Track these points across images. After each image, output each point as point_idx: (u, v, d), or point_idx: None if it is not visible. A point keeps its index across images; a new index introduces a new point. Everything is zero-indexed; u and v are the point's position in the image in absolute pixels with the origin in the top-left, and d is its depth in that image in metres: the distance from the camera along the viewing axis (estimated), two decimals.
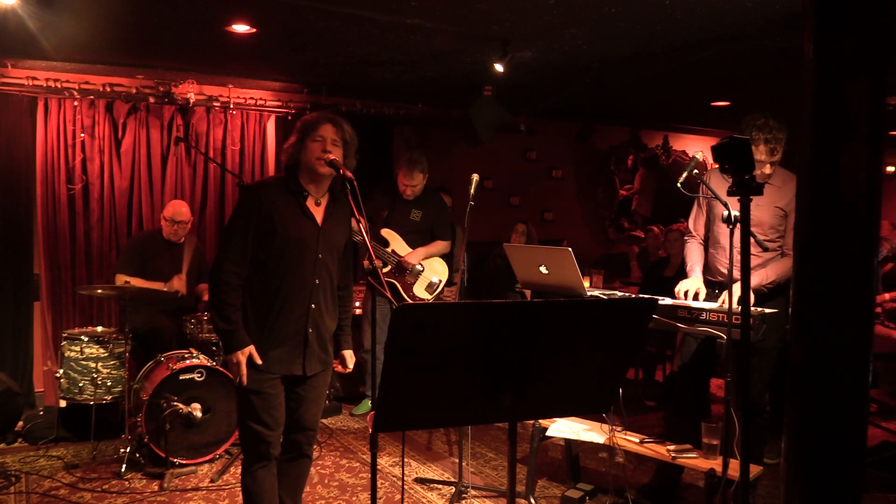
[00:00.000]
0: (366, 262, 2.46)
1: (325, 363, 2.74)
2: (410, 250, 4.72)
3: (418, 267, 4.74)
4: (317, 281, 2.65)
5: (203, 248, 5.11)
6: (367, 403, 5.08)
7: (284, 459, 2.77)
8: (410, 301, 2.75)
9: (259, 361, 2.55)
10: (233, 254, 2.57)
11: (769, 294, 3.20)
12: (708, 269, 3.51)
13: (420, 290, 4.77)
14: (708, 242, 3.52)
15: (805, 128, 1.74)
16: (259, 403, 2.59)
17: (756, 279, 3.18)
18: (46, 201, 4.93)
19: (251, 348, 2.55)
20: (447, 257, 5.34)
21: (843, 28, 1.67)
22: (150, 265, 4.57)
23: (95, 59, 4.87)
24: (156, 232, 4.78)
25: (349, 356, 2.87)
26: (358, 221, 2.52)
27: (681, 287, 3.31)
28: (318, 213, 2.69)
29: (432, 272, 4.81)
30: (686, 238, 3.61)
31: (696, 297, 3.27)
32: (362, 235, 2.47)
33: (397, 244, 4.70)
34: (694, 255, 3.51)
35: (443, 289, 4.87)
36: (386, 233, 4.73)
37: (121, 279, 4.46)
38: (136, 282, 4.39)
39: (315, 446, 4.17)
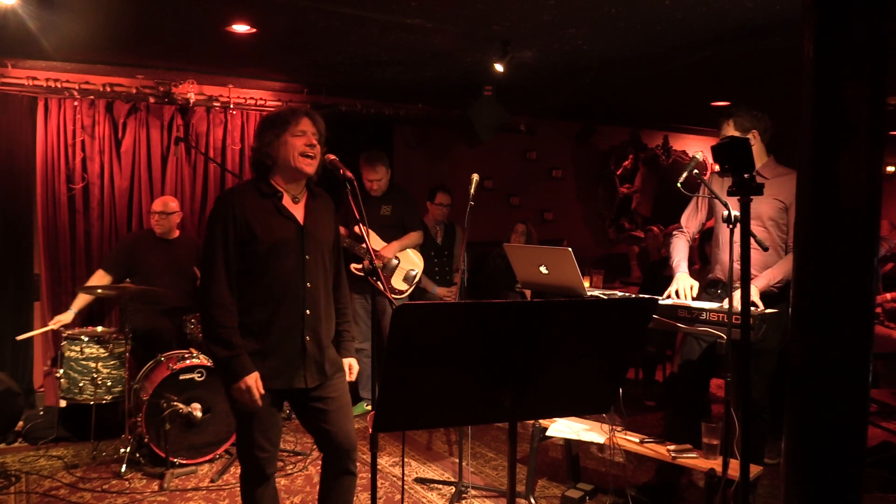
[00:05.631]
0: (366, 262, 2.45)
1: (331, 370, 2.54)
2: (385, 244, 4.78)
3: (394, 261, 4.80)
4: (308, 284, 2.45)
5: (203, 247, 5.11)
6: (362, 405, 5.10)
7: (327, 478, 2.60)
8: (391, 294, 2.63)
9: (262, 391, 2.37)
10: (220, 272, 2.37)
11: (779, 294, 3.18)
12: (709, 267, 3.51)
13: (398, 282, 4.85)
14: (710, 241, 3.53)
15: (805, 128, 1.74)
16: (254, 424, 2.42)
17: (763, 281, 3.17)
18: (46, 201, 4.93)
19: (257, 374, 2.36)
20: (438, 252, 5.36)
21: (843, 28, 1.68)
22: (141, 262, 4.58)
23: (95, 59, 4.87)
24: (147, 231, 4.81)
25: (351, 364, 2.68)
26: (358, 223, 2.44)
27: (671, 289, 3.31)
28: (298, 211, 2.49)
29: (408, 263, 4.89)
30: (675, 233, 3.59)
31: (690, 293, 3.27)
32: (363, 237, 2.44)
33: (371, 239, 4.76)
34: (680, 250, 3.49)
35: (420, 279, 4.94)
36: (358, 229, 4.77)
37: (98, 274, 4.57)
38: (96, 280, 4.55)
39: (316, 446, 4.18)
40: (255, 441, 2.44)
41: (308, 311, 2.45)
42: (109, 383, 4.17)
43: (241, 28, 4.03)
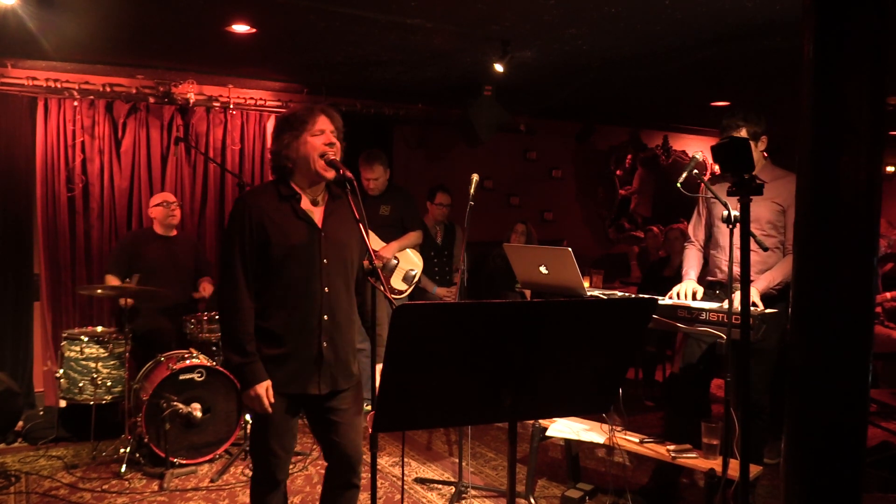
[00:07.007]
0: (365, 263, 2.44)
1: (346, 380, 2.49)
2: (384, 244, 4.77)
3: (393, 261, 4.80)
4: (326, 289, 2.39)
5: (201, 245, 5.11)
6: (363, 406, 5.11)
7: (329, 489, 2.58)
8: (390, 294, 2.61)
9: (272, 400, 2.34)
10: (238, 277, 2.33)
11: (779, 295, 3.18)
12: (709, 269, 3.51)
13: (397, 282, 4.84)
14: (709, 244, 3.53)
15: (805, 128, 1.74)
16: (269, 430, 2.39)
17: (763, 283, 3.17)
18: (46, 201, 4.93)
19: (269, 382, 2.34)
20: (438, 252, 5.36)
21: (843, 28, 1.68)
22: (141, 260, 4.55)
23: (95, 59, 4.87)
24: (147, 229, 4.80)
25: None
26: (358, 223, 2.38)
27: (674, 290, 3.31)
28: (317, 214, 2.45)
29: (408, 263, 4.88)
30: (686, 244, 3.64)
31: (692, 297, 3.27)
32: (363, 237, 2.43)
33: (371, 239, 4.77)
34: (691, 260, 3.53)
35: (420, 279, 4.94)
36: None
37: (110, 279, 4.50)
38: (110, 280, 4.50)
39: (316, 446, 4.18)
40: (269, 446, 2.42)
41: (325, 317, 2.40)
42: (109, 383, 4.17)
43: (241, 28, 4.03)
